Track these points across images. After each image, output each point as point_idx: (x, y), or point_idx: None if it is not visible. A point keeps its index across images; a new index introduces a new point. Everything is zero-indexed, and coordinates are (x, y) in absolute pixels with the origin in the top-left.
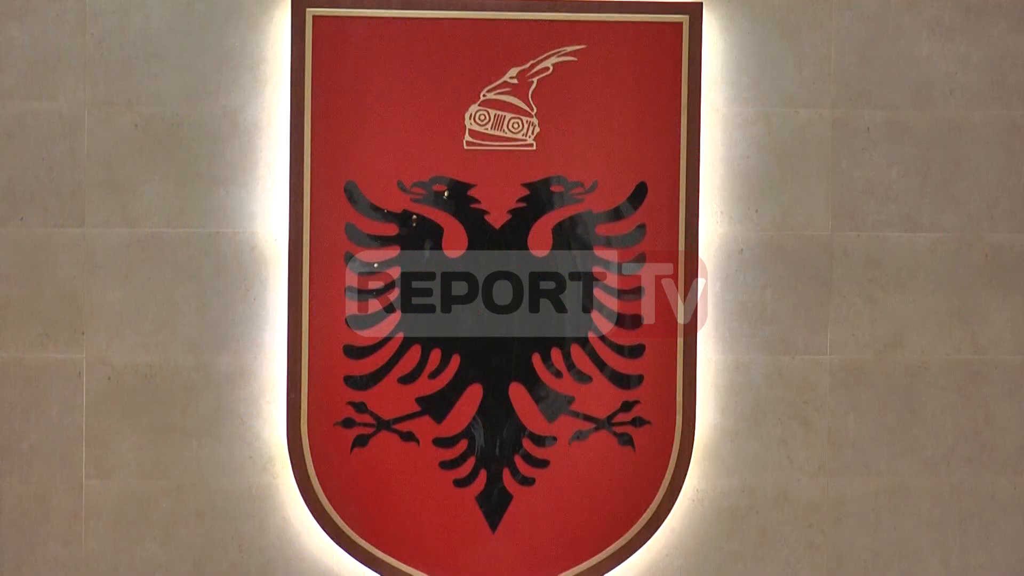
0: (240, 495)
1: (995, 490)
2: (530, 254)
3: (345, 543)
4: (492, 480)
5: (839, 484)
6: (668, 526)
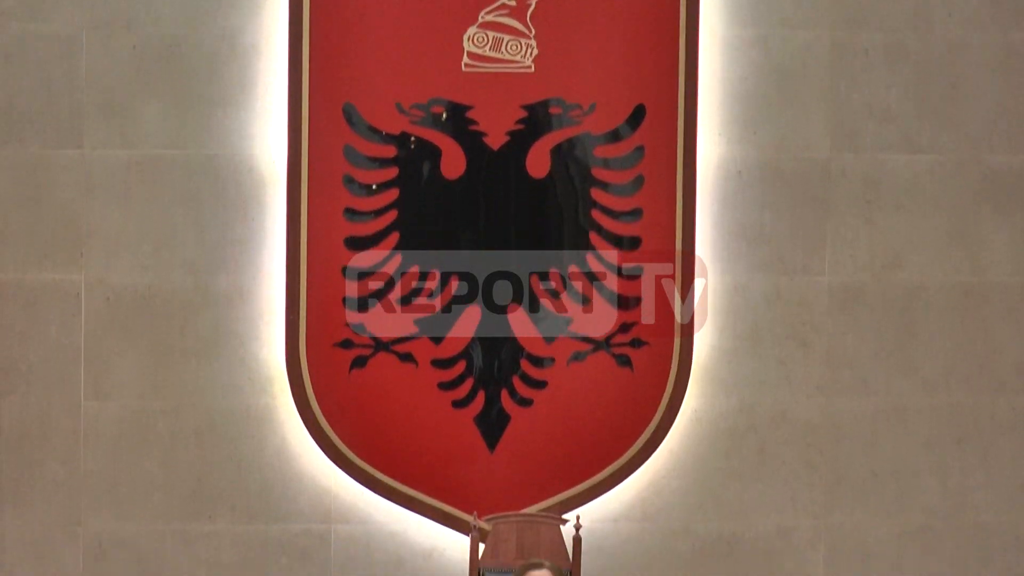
0: (239, 416)
1: (993, 410)
2: (528, 176)
3: (343, 463)
4: (490, 401)
5: (837, 404)
6: (666, 446)
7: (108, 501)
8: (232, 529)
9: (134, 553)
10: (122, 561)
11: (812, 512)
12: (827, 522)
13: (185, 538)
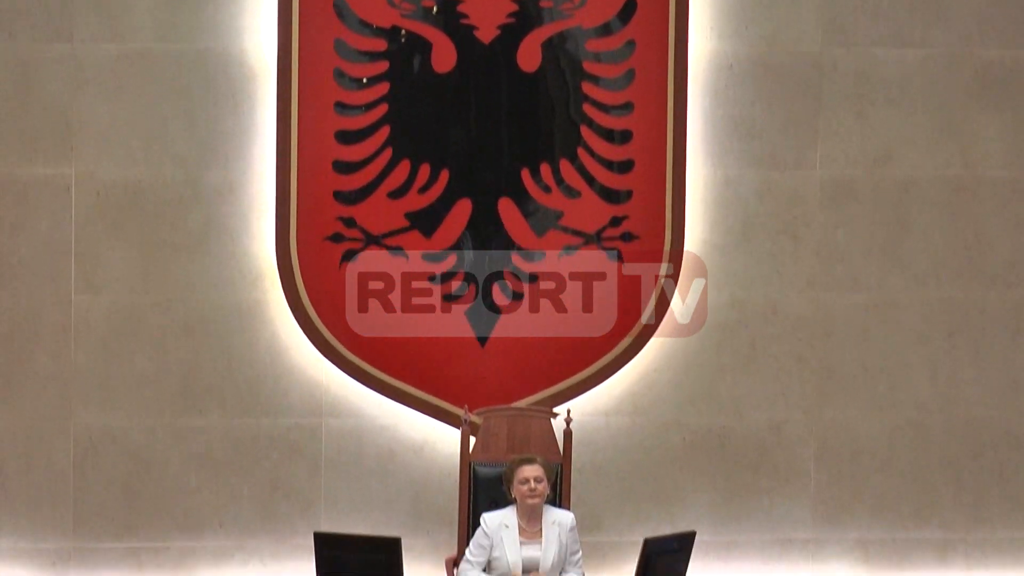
0: (229, 310)
1: (984, 304)
2: (519, 69)
3: (334, 357)
4: (481, 295)
5: (828, 298)
6: (657, 340)
7: (98, 395)
8: (222, 423)
9: (124, 447)
10: (112, 455)
11: (803, 406)
12: (818, 416)
13: (175, 432)
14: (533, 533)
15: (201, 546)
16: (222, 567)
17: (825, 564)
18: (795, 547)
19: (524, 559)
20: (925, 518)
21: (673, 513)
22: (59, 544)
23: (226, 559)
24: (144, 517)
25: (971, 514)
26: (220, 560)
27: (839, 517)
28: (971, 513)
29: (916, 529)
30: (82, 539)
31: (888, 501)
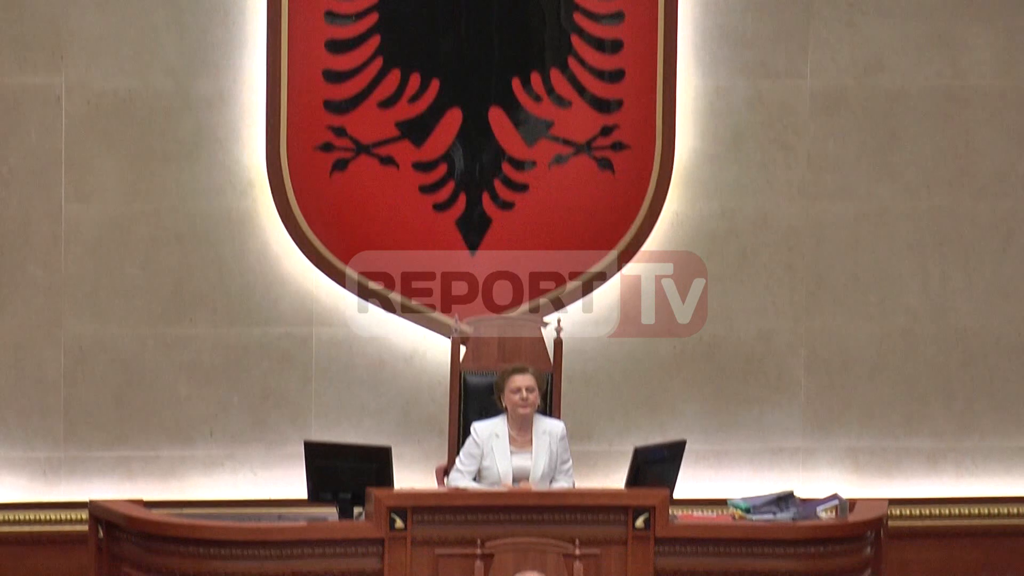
0: (220, 219)
1: (974, 214)
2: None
3: (325, 266)
4: (472, 204)
5: (819, 208)
6: (647, 250)
7: (89, 304)
8: (213, 332)
9: (114, 356)
10: (102, 364)
11: (793, 316)
12: (808, 326)
13: (166, 341)
14: (523, 442)
15: (191, 455)
16: (212, 475)
17: (815, 472)
18: (785, 456)
19: (514, 468)
20: (915, 427)
21: (663, 422)
22: (50, 453)
23: (216, 468)
24: (134, 426)
25: (961, 423)
26: (210, 469)
27: (829, 426)
28: (961, 422)
29: (906, 438)
30: (73, 448)
31: (878, 410)
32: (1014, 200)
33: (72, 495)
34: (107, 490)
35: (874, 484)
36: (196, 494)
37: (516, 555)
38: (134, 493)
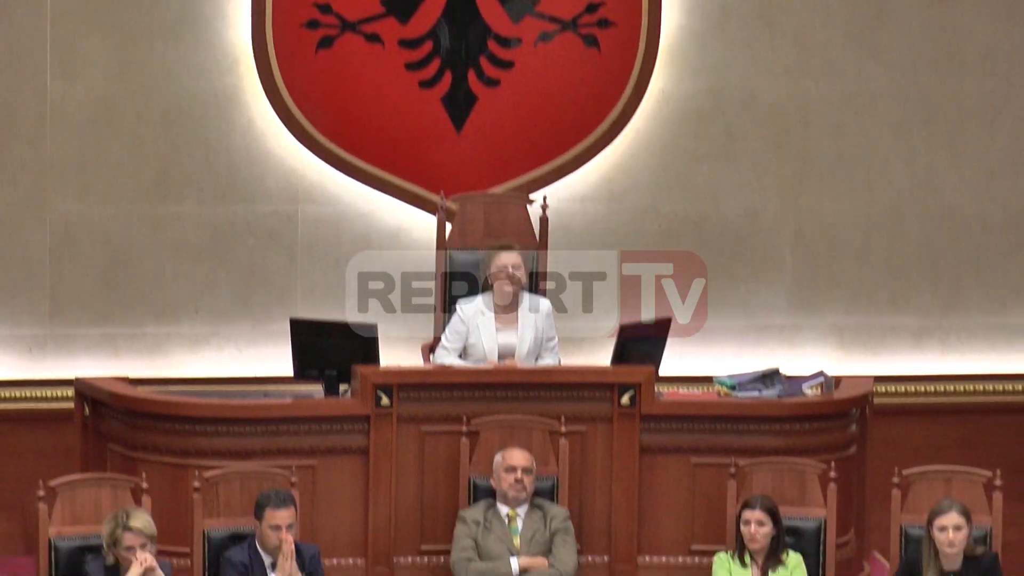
0: (205, 97)
1: (960, 95)
2: None
3: (310, 144)
4: (457, 81)
5: (805, 87)
6: (633, 127)
7: (74, 184)
8: (199, 211)
9: (101, 235)
10: (89, 243)
11: (779, 195)
12: (794, 204)
13: (152, 220)
14: (509, 320)
15: (177, 332)
16: (198, 353)
17: (801, 349)
18: (771, 333)
19: (500, 345)
20: (900, 304)
21: None
22: (35, 330)
23: (202, 345)
24: (120, 304)
25: (946, 300)
26: (196, 346)
27: (815, 303)
28: (946, 299)
29: (891, 315)
30: (59, 325)
31: (864, 287)
32: (1000, 80)
33: (58, 372)
34: (93, 367)
35: (859, 361)
36: (182, 371)
37: (502, 432)
38: (120, 370)
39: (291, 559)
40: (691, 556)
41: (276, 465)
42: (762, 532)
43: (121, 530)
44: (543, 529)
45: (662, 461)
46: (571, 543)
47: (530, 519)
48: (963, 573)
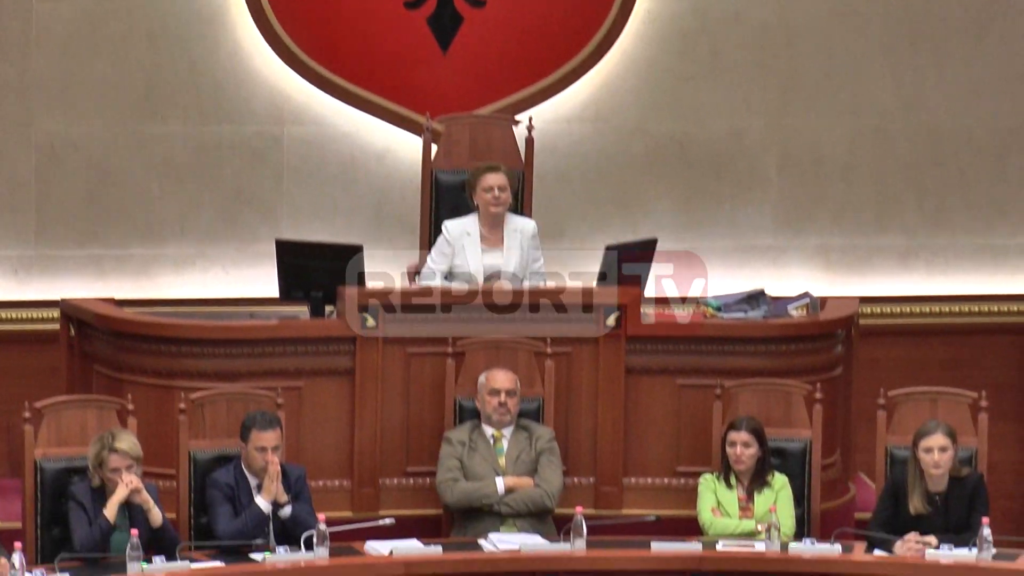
0: (191, 16)
1: (946, 12)
2: None
3: (296, 65)
4: (443, 2)
5: (791, 5)
6: (619, 48)
7: (59, 103)
8: (184, 130)
9: (86, 155)
10: (74, 162)
11: (765, 114)
12: (780, 124)
13: (138, 139)
14: (495, 241)
15: (163, 253)
16: (183, 274)
17: (786, 270)
18: (756, 253)
19: (485, 266)
20: (886, 225)
21: (635, 220)
22: (21, 251)
23: (187, 266)
24: (106, 224)
25: (932, 220)
26: (181, 267)
27: (800, 224)
28: (932, 219)
29: (877, 235)
30: (44, 246)
31: (849, 208)
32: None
33: (44, 294)
34: (78, 288)
35: (845, 282)
36: (167, 292)
37: (487, 353)
38: (105, 292)
39: (277, 481)
40: (676, 478)
41: (262, 387)
42: (748, 453)
43: (107, 452)
44: (528, 450)
45: (647, 382)
46: (556, 464)
47: (515, 440)
48: (948, 494)
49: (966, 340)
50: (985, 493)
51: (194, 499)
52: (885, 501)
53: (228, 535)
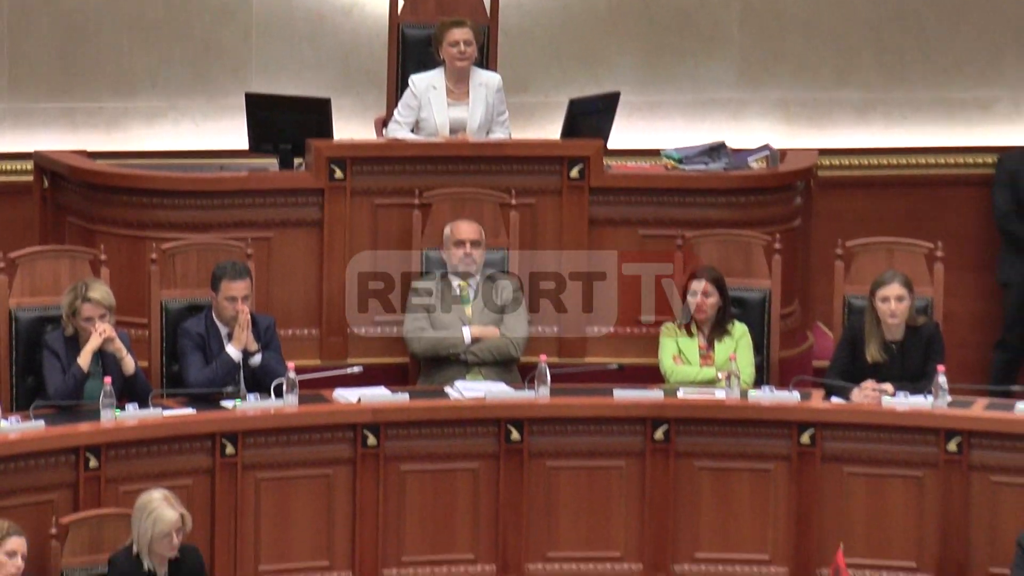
0: None
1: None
2: None
3: None
4: None
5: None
6: None
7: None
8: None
9: (57, 9)
10: (46, 17)
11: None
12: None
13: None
14: (460, 94)
15: (134, 106)
16: (155, 127)
17: (746, 123)
18: (717, 107)
19: (451, 120)
20: (845, 78)
21: (598, 74)
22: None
23: (159, 119)
24: (78, 78)
25: (891, 74)
26: (153, 120)
27: (761, 77)
28: (891, 73)
29: (836, 89)
30: (17, 99)
31: (810, 62)
32: None
33: (17, 146)
34: (52, 141)
35: (804, 135)
36: (139, 145)
37: (453, 205)
38: (77, 144)
39: (247, 329)
40: (639, 327)
41: (232, 238)
42: (708, 303)
43: (80, 301)
44: (494, 300)
45: (610, 233)
46: (522, 314)
47: (481, 290)
48: (905, 343)
49: (923, 192)
50: (940, 342)
51: (166, 348)
52: (842, 349)
53: (199, 383)
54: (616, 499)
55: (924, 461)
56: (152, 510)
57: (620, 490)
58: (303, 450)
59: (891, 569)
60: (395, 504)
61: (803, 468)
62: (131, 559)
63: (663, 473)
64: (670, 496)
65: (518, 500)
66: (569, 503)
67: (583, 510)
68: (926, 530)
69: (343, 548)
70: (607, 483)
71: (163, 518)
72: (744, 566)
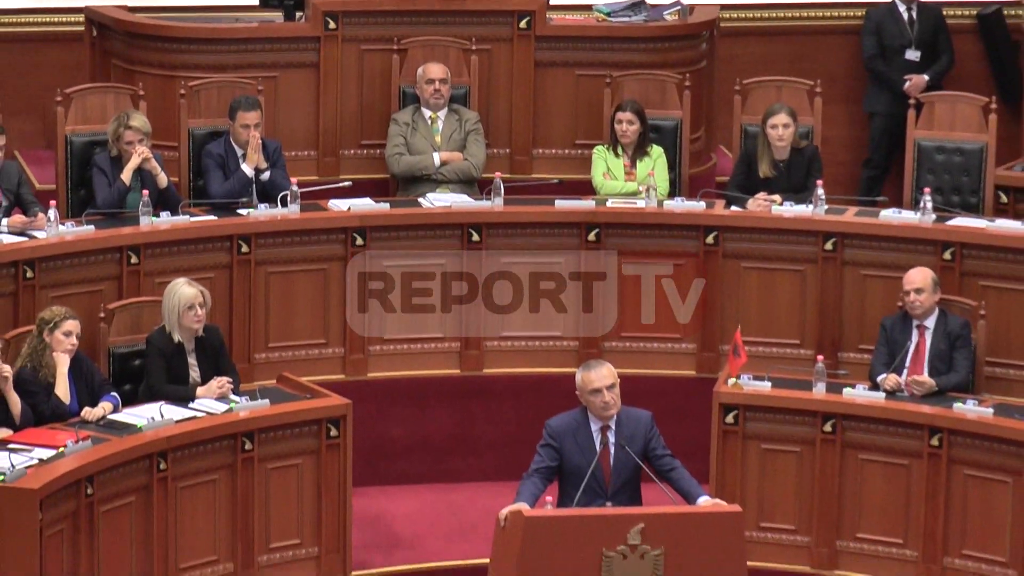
0: None
1: None
2: None
3: None
4: None
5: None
6: None
7: None
8: None
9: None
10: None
11: None
12: None
13: None
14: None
15: None
16: None
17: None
18: None
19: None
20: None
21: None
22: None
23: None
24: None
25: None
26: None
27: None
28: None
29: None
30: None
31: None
32: None
33: (70, 2)
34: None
35: None
36: (170, 0)
37: (425, 50)
38: (120, 0)
39: (258, 151)
40: (575, 149)
41: (246, 76)
42: (631, 129)
43: (123, 128)
44: (459, 129)
45: (552, 73)
46: (481, 141)
47: (448, 121)
48: (790, 162)
49: (805, 39)
50: (819, 161)
51: (192, 166)
52: (740, 167)
53: (219, 195)
54: (558, 292)
55: (806, 258)
56: (176, 291)
57: (563, 280)
58: (304, 249)
59: (780, 345)
60: (379, 294)
61: (708, 263)
62: (164, 335)
63: (595, 266)
64: (601, 286)
65: (476, 288)
66: (518, 291)
67: (532, 296)
68: (808, 314)
69: (337, 328)
70: (551, 277)
71: (185, 293)
72: (660, 343)
